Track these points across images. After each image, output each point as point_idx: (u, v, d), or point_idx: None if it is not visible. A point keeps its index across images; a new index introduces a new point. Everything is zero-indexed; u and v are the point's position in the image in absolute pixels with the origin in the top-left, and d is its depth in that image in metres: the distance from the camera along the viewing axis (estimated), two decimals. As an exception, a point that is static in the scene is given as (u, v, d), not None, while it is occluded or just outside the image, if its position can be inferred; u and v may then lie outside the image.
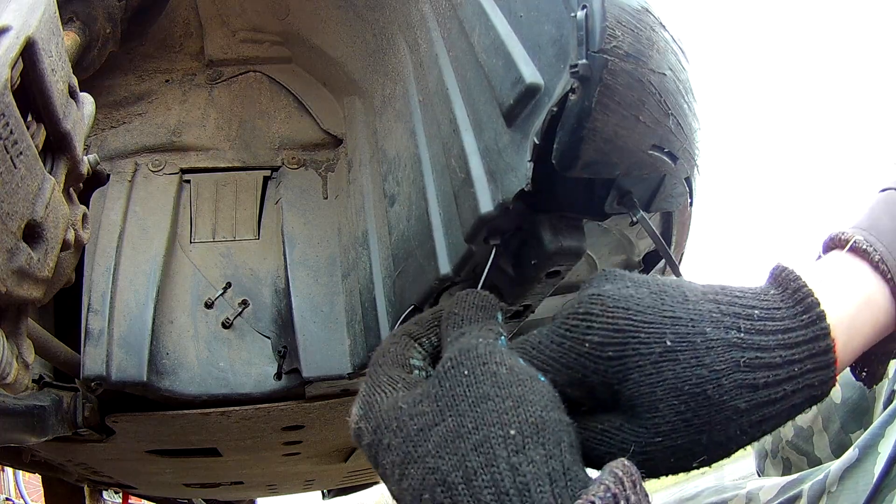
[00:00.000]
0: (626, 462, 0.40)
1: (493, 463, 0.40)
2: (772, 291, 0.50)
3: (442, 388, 0.45)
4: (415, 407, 0.46)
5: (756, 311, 0.48)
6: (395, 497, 0.45)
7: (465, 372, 0.45)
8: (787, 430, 1.25)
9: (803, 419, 1.22)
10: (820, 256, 0.57)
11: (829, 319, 0.48)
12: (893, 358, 0.56)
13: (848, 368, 0.59)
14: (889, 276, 0.52)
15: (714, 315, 0.47)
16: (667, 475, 0.49)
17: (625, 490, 0.37)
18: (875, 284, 0.52)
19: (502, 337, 0.51)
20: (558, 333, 0.49)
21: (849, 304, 0.51)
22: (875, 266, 0.52)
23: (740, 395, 0.46)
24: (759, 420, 0.47)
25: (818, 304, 0.48)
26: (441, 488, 0.41)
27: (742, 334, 0.47)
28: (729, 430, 0.46)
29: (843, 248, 0.54)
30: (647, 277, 0.52)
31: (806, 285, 0.49)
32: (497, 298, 0.56)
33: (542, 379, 0.47)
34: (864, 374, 0.58)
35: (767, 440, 1.30)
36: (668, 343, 0.46)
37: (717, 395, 0.45)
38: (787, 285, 0.50)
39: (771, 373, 0.46)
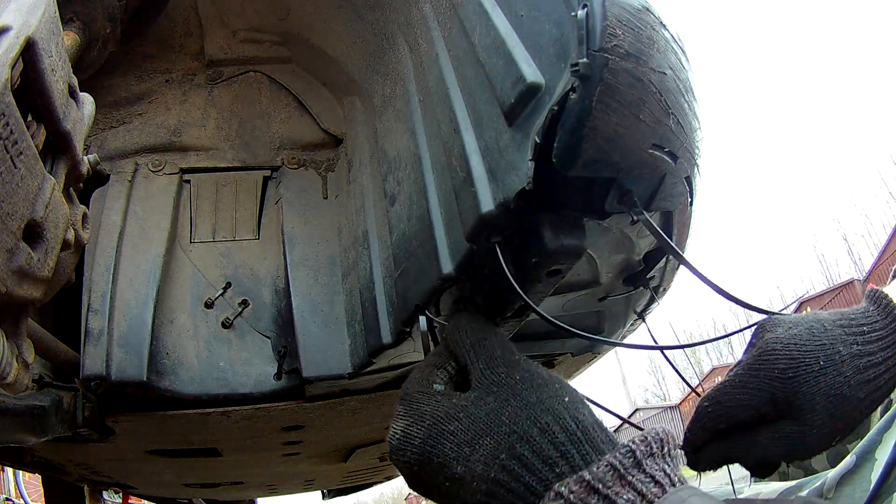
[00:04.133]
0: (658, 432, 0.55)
1: (561, 417, 0.58)
2: (871, 309, 0.75)
3: (499, 386, 0.62)
4: (477, 402, 0.62)
5: (865, 328, 0.73)
6: (458, 476, 0.58)
7: (517, 375, 0.63)
8: None
9: None
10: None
11: None
12: None
13: None
14: None
15: (843, 337, 0.73)
16: (817, 454, 0.74)
17: (650, 446, 0.53)
18: None
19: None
20: (754, 367, 0.73)
21: None
22: None
23: (861, 388, 0.70)
24: (870, 402, 0.71)
25: None
26: (520, 442, 0.57)
27: (859, 346, 0.72)
28: (854, 414, 0.70)
29: None
30: (798, 317, 0.77)
31: (892, 301, 0.74)
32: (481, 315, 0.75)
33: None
34: None
35: None
36: (822, 363, 0.71)
37: (849, 392, 0.70)
38: (878, 303, 0.75)
39: (876, 369, 0.71)
